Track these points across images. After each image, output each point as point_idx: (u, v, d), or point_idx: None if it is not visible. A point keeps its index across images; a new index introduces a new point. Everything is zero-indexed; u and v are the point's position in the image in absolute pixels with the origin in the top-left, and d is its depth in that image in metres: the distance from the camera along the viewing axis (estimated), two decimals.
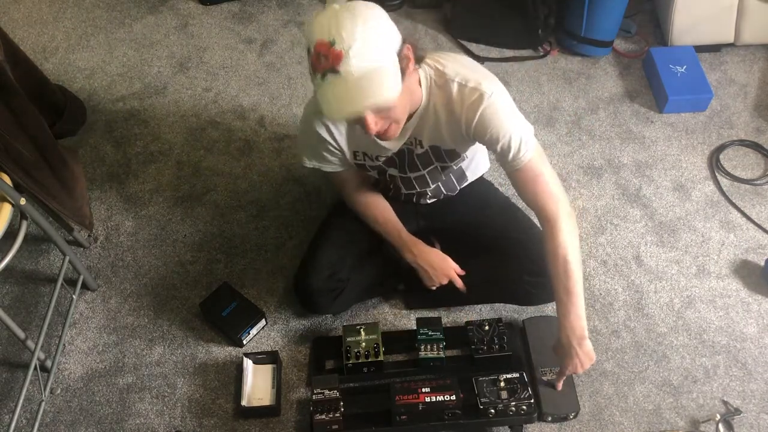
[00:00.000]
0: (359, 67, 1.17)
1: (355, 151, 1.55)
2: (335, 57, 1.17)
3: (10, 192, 1.50)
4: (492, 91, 1.36)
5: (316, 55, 1.19)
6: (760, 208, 2.03)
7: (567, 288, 1.44)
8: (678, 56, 2.33)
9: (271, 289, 1.88)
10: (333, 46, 1.17)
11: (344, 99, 1.20)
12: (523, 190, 1.45)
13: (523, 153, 1.39)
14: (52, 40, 2.58)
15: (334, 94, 1.20)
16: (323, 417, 1.53)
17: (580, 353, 1.48)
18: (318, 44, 1.18)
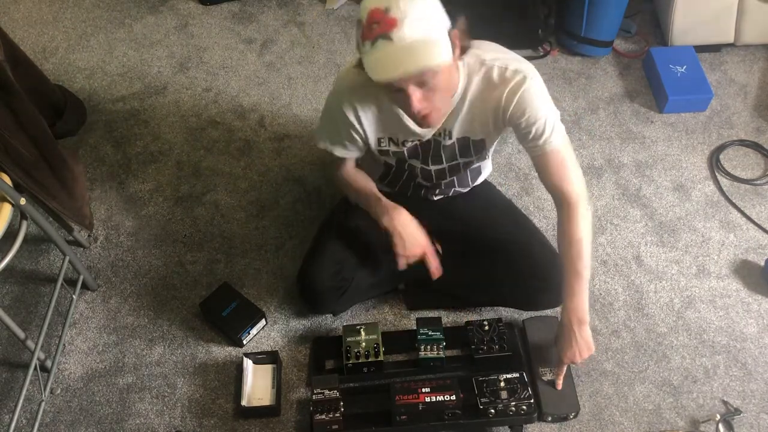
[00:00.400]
0: (411, 35, 1.18)
1: (380, 137, 1.52)
2: (389, 23, 1.17)
3: (10, 192, 1.50)
4: (533, 75, 1.38)
5: (369, 22, 1.19)
6: (760, 208, 2.03)
7: (577, 269, 1.47)
8: (678, 56, 2.33)
9: (271, 289, 1.88)
10: (387, 13, 1.17)
11: (393, 61, 1.20)
12: (548, 173, 1.48)
13: (555, 136, 1.43)
14: (52, 40, 2.58)
15: (383, 56, 1.20)
16: (323, 417, 1.53)
17: (579, 338, 1.50)
18: (372, 11, 1.18)
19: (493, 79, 1.38)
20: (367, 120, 1.48)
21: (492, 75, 1.38)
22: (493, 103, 1.40)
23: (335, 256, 1.67)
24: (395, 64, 1.19)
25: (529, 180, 2.10)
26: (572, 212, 1.47)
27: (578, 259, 1.47)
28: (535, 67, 1.41)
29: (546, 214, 2.02)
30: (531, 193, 2.07)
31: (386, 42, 1.18)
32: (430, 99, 1.28)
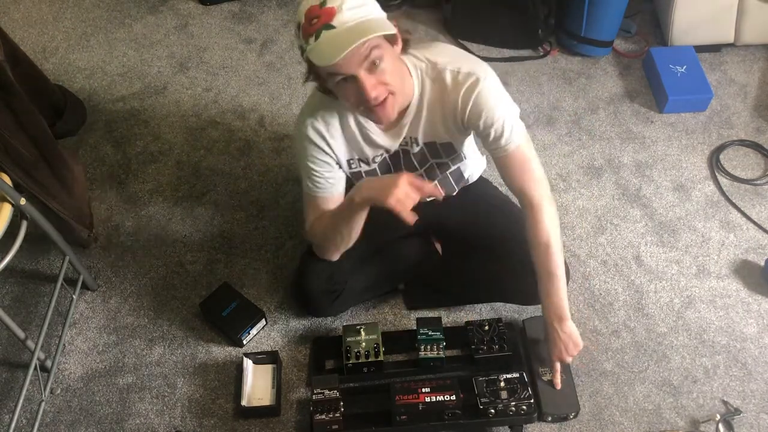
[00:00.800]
0: (352, 16, 1.20)
1: (349, 159, 1.52)
2: (327, 13, 1.20)
3: (10, 192, 1.50)
4: (485, 75, 1.38)
5: (308, 20, 1.21)
6: (760, 208, 2.03)
7: (549, 270, 1.49)
8: (678, 56, 2.33)
9: (271, 289, 1.88)
10: (324, 6, 1.20)
11: (339, 42, 1.20)
12: (510, 174, 1.48)
13: (515, 136, 1.42)
14: (52, 40, 2.58)
15: (329, 41, 1.20)
16: (323, 417, 1.53)
17: (562, 335, 1.52)
18: (309, 9, 1.21)
19: (447, 83, 1.39)
20: (334, 141, 1.47)
21: (445, 79, 1.39)
22: (450, 107, 1.41)
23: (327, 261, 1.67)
24: (341, 43, 1.19)
25: None
26: (536, 214, 1.47)
27: (548, 260, 1.48)
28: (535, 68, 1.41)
29: None
30: None
31: (329, 30, 1.20)
32: (382, 83, 1.28)
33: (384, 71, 1.27)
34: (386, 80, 1.28)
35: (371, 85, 1.26)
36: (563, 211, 2.03)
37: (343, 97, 1.33)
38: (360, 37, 1.18)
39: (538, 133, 2.23)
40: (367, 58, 1.23)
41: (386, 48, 1.26)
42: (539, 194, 1.47)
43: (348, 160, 1.53)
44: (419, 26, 2.59)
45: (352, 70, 1.23)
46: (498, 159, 1.47)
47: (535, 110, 2.30)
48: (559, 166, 2.14)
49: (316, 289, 1.67)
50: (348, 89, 1.29)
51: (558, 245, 1.48)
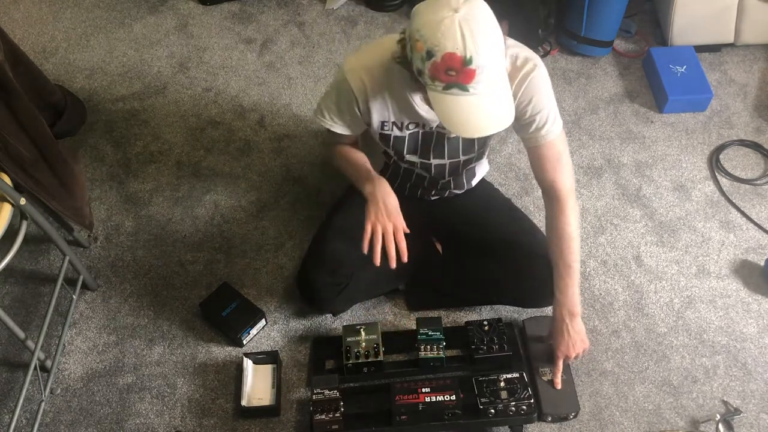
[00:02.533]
0: (488, 86, 1.19)
1: (384, 121, 1.50)
2: (467, 75, 1.17)
3: (10, 192, 1.50)
4: (540, 63, 1.39)
5: (444, 66, 1.16)
6: (760, 208, 2.03)
7: (568, 263, 1.51)
8: (678, 56, 2.33)
9: (271, 289, 1.88)
10: (467, 66, 1.15)
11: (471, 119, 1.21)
12: (542, 165, 1.49)
13: (554, 129, 1.45)
14: (52, 40, 2.58)
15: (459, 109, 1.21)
16: (323, 417, 1.53)
17: (571, 330, 1.54)
18: (449, 56, 1.15)
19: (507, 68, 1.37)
20: (375, 101, 1.45)
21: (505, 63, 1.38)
22: None
23: (334, 253, 1.67)
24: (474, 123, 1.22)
25: (529, 180, 2.10)
26: (563, 206, 1.49)
27: (569, 253, 1.50)
28: None
29: None
30: (531, 193, 2.07)
31: (462, 93, 1.19)
32: None
33: None
34: None
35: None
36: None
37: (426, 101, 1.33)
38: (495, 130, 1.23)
39: None
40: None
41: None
42: (567, 187, 1.50)
43: (382, 122, 1.50)
44: None
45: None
46: (534, 149, 1.49)
47: None
48: None
49: (321, 281, 1.67)
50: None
51: (578, 239, 1.51)
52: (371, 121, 1.50)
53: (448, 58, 1.15)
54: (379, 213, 1.47)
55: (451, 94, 1.20)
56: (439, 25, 1.15)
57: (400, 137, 1.54)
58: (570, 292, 1.52)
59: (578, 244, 1.51)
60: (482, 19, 1.17)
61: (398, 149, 1.58)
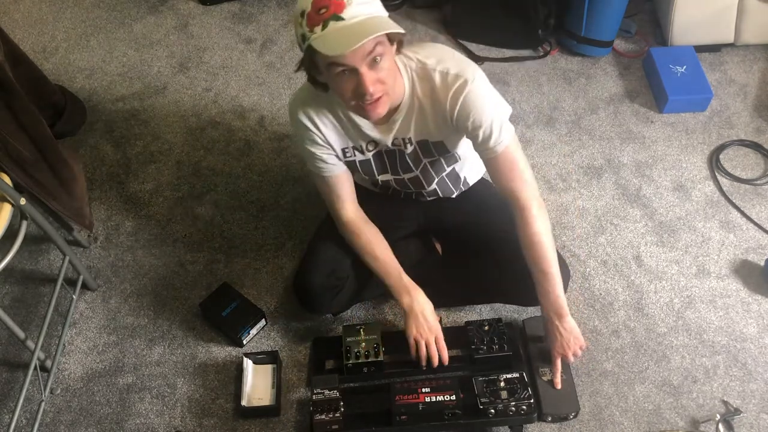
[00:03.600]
0: (361, 11, 1.21)
1: (344, 148, 1.53)
2: (337, 5, 1.20)
3: (10, 192, 1.50)
4: (474, 77, 1.38)
5: (315, 9, 1.20)
6: (760, 208, 2.03)
7: (542, 270, 1.51)
8: (678, 56, 2.33)
9: (271, 289, 1.88)
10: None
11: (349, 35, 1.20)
12: (499, 176, 1.49)
13: (503, 139, 1.42)
14: (52, 40, 2.58)
15: (337, 33, 1.21)
16: (323, 417, 1.53)
17: (563, 331, 1.55)
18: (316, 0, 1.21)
19: (437, 84, 1.40)
20: (327, 130, 1.49)
21: (435, 80, 1.39)
22: (440, 108, 1.42)
23: (329, 255, 1.67)
24: (352, 36, 1.20)
25: None
26: (526, 215, 1.49)
27: (541, 260, 1.50)
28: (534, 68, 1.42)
29: None
30: None
31: (338, 21, 1.20)
32: (381, 81, 1.29)
33: (383, 69, 1.28)
34: (384, 78, 1.29)
35: (371, 81, 1.27)
36: (563, 211, 2.03)
37: (339, 89, 1.33)
38: (372, 33, 1.19)
39: (538, 133, 2.23)
40: (371, 54, 1.24)
41: (387, 47, 1.27)
42: (527, 195, 1.48)
43: (343, 149, 1.54)
44: (419, 26, 2.59)
45: (356, 63, 1.24)
46: (487, 161, 1.48)
47: (535, 110, 2.30)
48: (559, 166, 2.14)
49: (318, 284, 1.67)
50: (346, 82, 1.29)
51: (549, 243, 1.50)
52: (335, 150, 1.53)
53: (316, 1, 1.20)
54: (420, 327, 1.58)
55: (328, 29, 1.21)
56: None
57: (365, 160, 1.56)
58: (551, 296, 1.53)
59: (550, 249, 1.50)
60: None
61: (368, 172, 1.60)
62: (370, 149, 1.54)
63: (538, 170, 2.12)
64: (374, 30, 1.20)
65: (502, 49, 2.50)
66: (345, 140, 1.52)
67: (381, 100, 1.32)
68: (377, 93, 1.29)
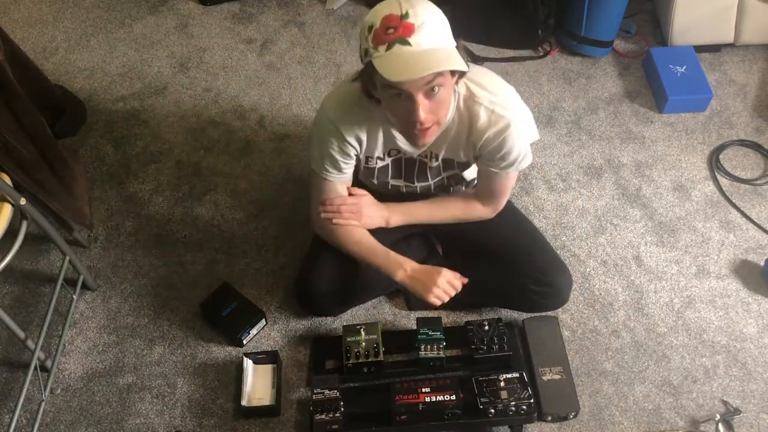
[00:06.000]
0: (429, 41, 1.20)
1: (368, 156, 1.54)
2: (406, 28, 1.19)
3: (10, 192, 1.50)
4: (515, 118, 1.41)
5: (384, 27, 1.20)
6: (760, 208, 2.03)
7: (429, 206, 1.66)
8: (678, 56, 2.33)
9: (271, 289, 1.88)
10: (405, 19, 1.19)
11: (413, 63, 1.19)
12: (487, 184, 1.57)
13: (513, 170, 1.50)
14: (52, 40, 2.58)
15: (401, 59, 1.20)
16: (323, 417, 1.53)
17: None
18: (387, 17, 1.20)
19: (480, 119, 1.41)
20: (358, 138, 1.48)
21: (479, 113, 1.41)
22: (475, 138, 1.45)
23: (334, 261, 1.67)
24: (416, 65, 1.19)
25: (529, 180, 2.10)
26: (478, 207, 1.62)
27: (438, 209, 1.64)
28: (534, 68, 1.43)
29: (546, 214, 2.02)
30: (531, 193, 2.07)
31: (404, 46, 1.19)
32: (434, 112, 1.30)
33: (439, 100, 1.28)
34: (437, 108, 1.30)
35: (425, 109, 1.27)
36: (563, 211, 2.03)
37: (391, 110, 1.34)
38: (436, 67, 1.19)
39: (538, 133, 2.23)
40: (430, 83, 1.23)
41: (447, 78, 1.26)
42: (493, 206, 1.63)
43: (367, 156, 1.54)
44: None
45: (413, 90, 1.23)
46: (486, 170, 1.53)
47: (535, 110, 2.30)
48: (559, 166, 2.14)
49: (322, 291, 1.67)
50: (398, 106, 1.29)
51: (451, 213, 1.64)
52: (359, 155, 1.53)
53: (386, 19, 1.20)
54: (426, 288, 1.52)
55: (393, 52, 1.20)
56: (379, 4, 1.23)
57: (384, 165, 1.57)
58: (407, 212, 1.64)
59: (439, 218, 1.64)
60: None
61: (383, 177, 1.61)
62: (392, 155, 1.54)
63: (538, 170, 2.12)
64: (439, 64, 1.19)
65: (502, 49, 2.50)
66: (372, 149, 1.51)
67: (431, 129, 1.33)
68: (428, 123, 1.30)
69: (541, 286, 1.64)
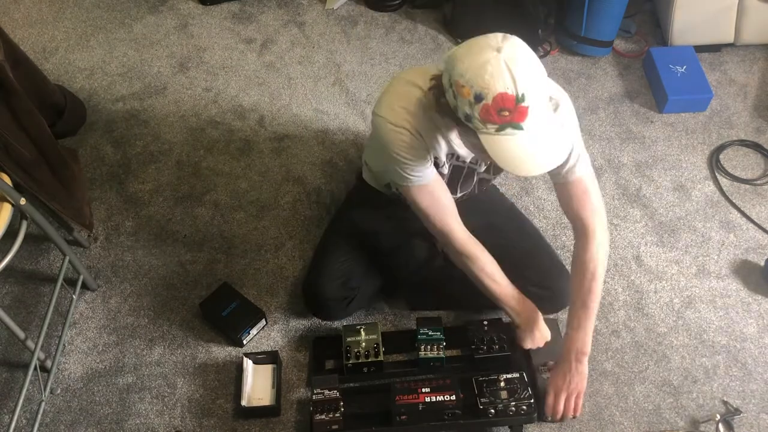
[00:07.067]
0: (540, 120, 1.17)
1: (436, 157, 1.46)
2: (521, 113, 1.14)
3: (10, 192, 1.50)
4: (566, 104, 1.39)
5: (495, 108, 1.14)
6: (760, 208, 2.03)
7: (585, 303, 1.48)
8: (678, 56, 2.33)
9: (271, 289, 1.88)
10: (520, 103, 1.13)
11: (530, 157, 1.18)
12: (569, 201, 1.48)
13: (579, 167, 1.42)
14: (52, 40, 2.58)
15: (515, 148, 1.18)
16: (323, 417, 1.53)
17: (573, 371, 1.51)
18: (501, 97, 1.13)
19: None
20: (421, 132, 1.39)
21: None
22: None
23: (341, 267, 1.67)
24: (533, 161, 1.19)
25: (529, 180, 2.10)
26: (588, 242, 1.47)
27: (589, 293, 1.47)
28: None
29: (546, 214, 2.02)
30: (531, 193, 2.07)
31: (516, 131, 1.16)
32: None
33: None
34: None
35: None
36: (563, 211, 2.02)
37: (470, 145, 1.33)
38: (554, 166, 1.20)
39: None
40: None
41: None
42: (594, 223, 1.47)
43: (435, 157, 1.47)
44: (419, 26, 2.59)
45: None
46: (558, 185, 1.48)
47: None
48: None
49: (330, 297, 1.68)
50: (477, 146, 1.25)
51: (601, 279, 1.47)
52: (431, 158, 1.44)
53: (499, 99, 1.13)
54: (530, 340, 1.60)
55: (505, 134, 1.17)
56: (485, 67, 1.13)
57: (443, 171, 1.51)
58: (583, 332, 1.48)
59: (600, 284, 1.47)
60: (526, 56, 1.15)
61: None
62: (450, 160, 1.49)
63: None
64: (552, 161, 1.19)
65: None
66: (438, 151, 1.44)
67: None
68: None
69: (541, 288, 1.64)
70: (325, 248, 1.73)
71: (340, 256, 1.69)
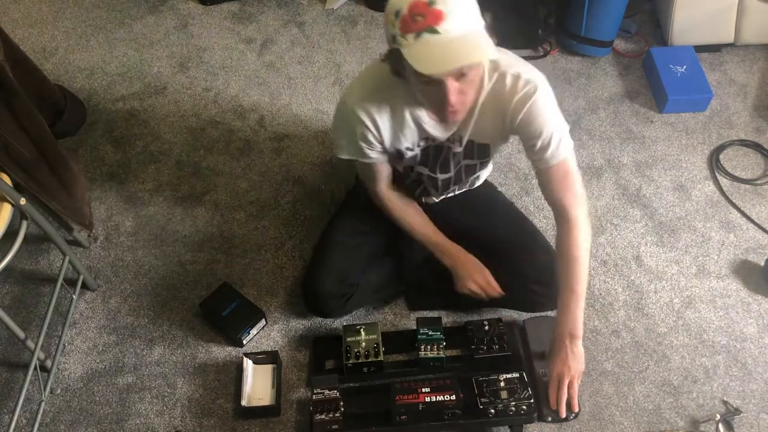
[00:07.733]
0: (459, 28, 1.17)
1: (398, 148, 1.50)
2: (435, 16, 1.15)
3: (10, 192, 1.50)
4: (543, 86, 1.37)
5: (411, 14, 1.16)
6: (760, 208, 2.03)
7: (572, 287, 1.48)
8: (678, 56, 2.33)
9: (271, 289, 1.88)
10: (432, 6, 1.15)
11: (443, 54, 1.17)
12: (550, 187, 1.47)
13: (561, 151, 1.41)
14: (52, 40, 2.58)
15: (431, 49, 1.17)
16: (323, 417, 1.53)
17: (569, 353, 1.51)
18: (414, 4, 1.16)
19: (505, 86, 1.37)
20: (383, 125, 1.44)
21: (505, 81, 1.37)
22: (502, 111, 1.40)
23: (340, 263, 1.67)
24: (445, 57, 1.17)
25: (529, 180, 2.10)
26: (571, 228, 1.47)
27: (574, 277, 1.47)
28: (537, 68, 1.40)
29: (546, 214, 2.02)
30: (531, 193, 2.07)
31: (433, 35, 1.16)
32: (464, 93, 1.27)
33: (469, 83, 1.26)
34: (468, 89, 1.28)
35: (455, 92, 1.25)
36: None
37: (420, 94, 1.32)
38: (465, 60, 1.18)
39: None
40: (459, 68, 1.22)
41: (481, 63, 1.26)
42: (575, 209, 1.47)
43: (397, 149, 1.50)
44: None
45: (443, 77, 1.22)
46: (540, 170, 1.46)
47: None
48: None
49: (328, 293, 1.67)
50: (428, 90, 1.27)
51: (585, 263, 1.48)
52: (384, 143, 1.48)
53: (413, 5, 1.16)
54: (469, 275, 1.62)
55: (422, 41, 1.17)
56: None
57: (412, 155, 1.53)
58: (572, 315, 1.49)
59: (584, 268, 1.48)
60: None
61: (410, 163, 1.57)
62: (421, 145, 1.50)
63: None
64: (468, 56, 1.18)
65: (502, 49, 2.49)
66: (399, 140, 1.47)
67: (460, 111, 1.32)
68: (458, 105, 1.28)
69: (541, 286, 1.64)
70: (324, 247, 1.74)
71: (339, 254, 1.69)
